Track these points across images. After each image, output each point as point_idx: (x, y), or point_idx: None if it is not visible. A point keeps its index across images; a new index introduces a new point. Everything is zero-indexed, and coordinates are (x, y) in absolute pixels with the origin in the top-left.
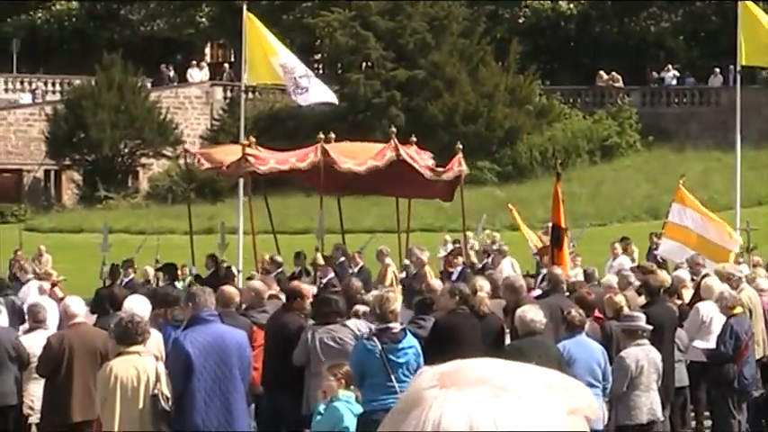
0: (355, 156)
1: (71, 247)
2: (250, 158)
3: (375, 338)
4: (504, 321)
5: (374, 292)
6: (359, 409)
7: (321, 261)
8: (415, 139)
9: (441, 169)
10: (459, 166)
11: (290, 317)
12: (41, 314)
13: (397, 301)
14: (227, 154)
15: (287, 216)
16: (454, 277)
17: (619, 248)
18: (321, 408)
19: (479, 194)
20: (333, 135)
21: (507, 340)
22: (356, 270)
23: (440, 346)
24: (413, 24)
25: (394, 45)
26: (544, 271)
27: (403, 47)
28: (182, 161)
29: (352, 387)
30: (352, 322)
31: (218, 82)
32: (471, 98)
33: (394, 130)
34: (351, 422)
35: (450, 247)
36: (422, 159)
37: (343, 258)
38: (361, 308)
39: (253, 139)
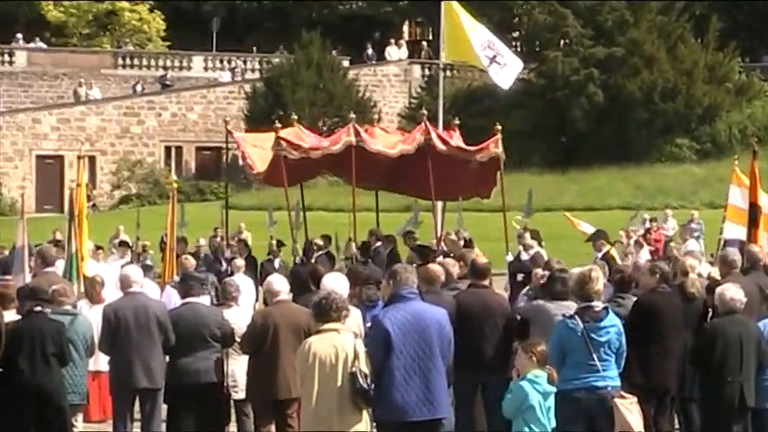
0: (386, 140)
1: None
2: (282, 143)
3: (577, 317)
4: (708, 300)
5: (575, 270)
6: (548, 388)
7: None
8: (454, 121)
9: (473, 148)
10: (495, 147)
11: (487, 294)
12: (233, 292)
13: (600, 280)
14: (266, 145)
15: None
16: (525, 258)
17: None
18: (511, 385)
19: (678, 171)
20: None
21: None
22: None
23: (641, 325)
24: (611, 1)
25: (592, 22)
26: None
27: (601, 24)
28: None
29: (547, 366)
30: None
31: (417, 60)
32: (670, 75)
33: (425, 112)
34: (537, 401)
35: (647, 224)
36: (452, 141)
37: (378, 243)
38: None
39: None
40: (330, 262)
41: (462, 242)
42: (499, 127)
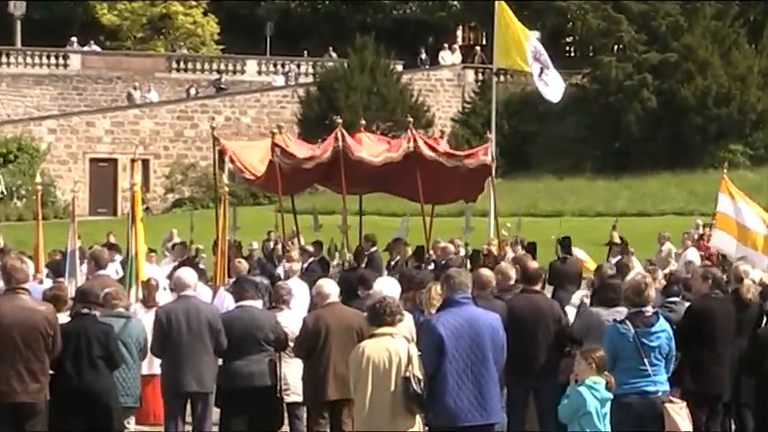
0: (372, 148)
1: (323, 229)
2: (277, 150)
3: (628, 322)
4: (764, 306)
5: (629, 277)
6: (606, 394)
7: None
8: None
9: (461, 153)
10: (484, 155)
11: (539, 299)
12: (284, 295)
13: (653, 286)
14: (258, 156)
15: (537, 199)
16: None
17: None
18: (568, 391)
19: (732, 177)
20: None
21: None
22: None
23: (694, 331)
24: (665, 7)
25: (646, 27)
26: None
27: (655, 29)
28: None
29: (605, 373)
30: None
31: (470, 65)
32: (724, 81)
33: (411, 119)
34: (594, 407)
35: (701, 230)
36: (439, 147)
37: (374, 249)
38: None
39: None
40: (323, 269)
41: (519, 246)
42: (490, 136)
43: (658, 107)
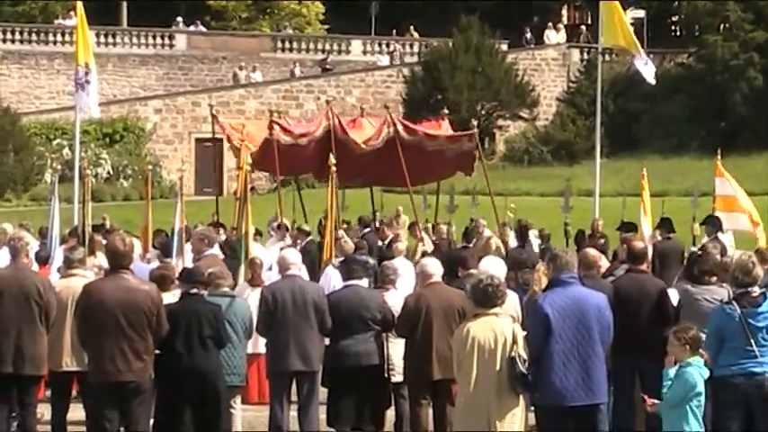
0: (360, 133)
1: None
2: (275, 126)
3: (734, 302)
4: None
5: (736, 256)
6: (707, 373)
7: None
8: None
9: (441, 135)
10: (469, 141)
11: (645, 278)
12: (390, 275)
13: (758, 266)
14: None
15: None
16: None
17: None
18: (671, 373)
19: None
20: None
21: None
22: (385, 244)
23: None
24: None
25: (753, 7)
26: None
27: (762, 8)
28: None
29: (700, 351)
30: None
31: (575, 44)
32: None
33: (388, 106)
34: (702, 387)
35: None
36: (425, 129)
37: (368, 230)
38: None
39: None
40: (320, 249)
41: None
42: (475, 122)
43: (765, 86)
